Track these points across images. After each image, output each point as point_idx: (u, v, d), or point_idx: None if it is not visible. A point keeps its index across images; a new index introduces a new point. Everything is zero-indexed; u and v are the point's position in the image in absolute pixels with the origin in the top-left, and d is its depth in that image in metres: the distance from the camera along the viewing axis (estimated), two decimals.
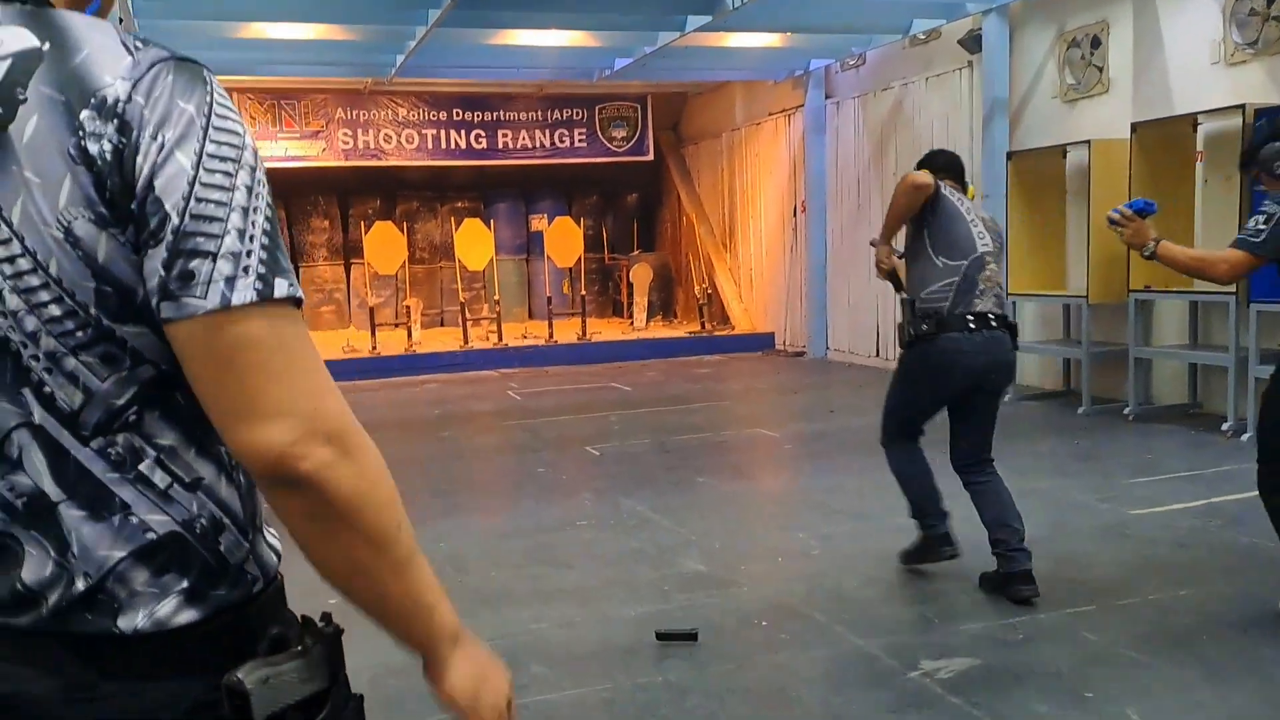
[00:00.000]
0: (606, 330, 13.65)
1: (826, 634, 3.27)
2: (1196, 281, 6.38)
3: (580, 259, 12.78)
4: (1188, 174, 6.92)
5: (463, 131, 13.33)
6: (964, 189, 3.84)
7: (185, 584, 0.83)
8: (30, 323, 0.78)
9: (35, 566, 0.81)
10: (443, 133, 13.22)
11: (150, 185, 0.76)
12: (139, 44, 0.80)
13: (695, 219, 14.25)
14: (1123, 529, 4.33)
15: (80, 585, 0.80)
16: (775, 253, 12.51)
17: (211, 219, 0.77)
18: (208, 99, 0.79)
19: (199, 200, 0.77)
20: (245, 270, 0.78)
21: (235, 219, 0.78)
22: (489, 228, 12.52)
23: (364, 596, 0.87)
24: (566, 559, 4.14)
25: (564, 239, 12.61)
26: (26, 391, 0.79)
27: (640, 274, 13.58)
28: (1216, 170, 6.71)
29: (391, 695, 2.59)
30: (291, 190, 13.59)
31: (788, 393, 8.98)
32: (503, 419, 8.00)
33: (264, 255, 0.79)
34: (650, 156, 14.43)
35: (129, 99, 0.76)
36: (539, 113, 13.74)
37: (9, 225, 0.76)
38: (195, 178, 0.77)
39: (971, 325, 3.47)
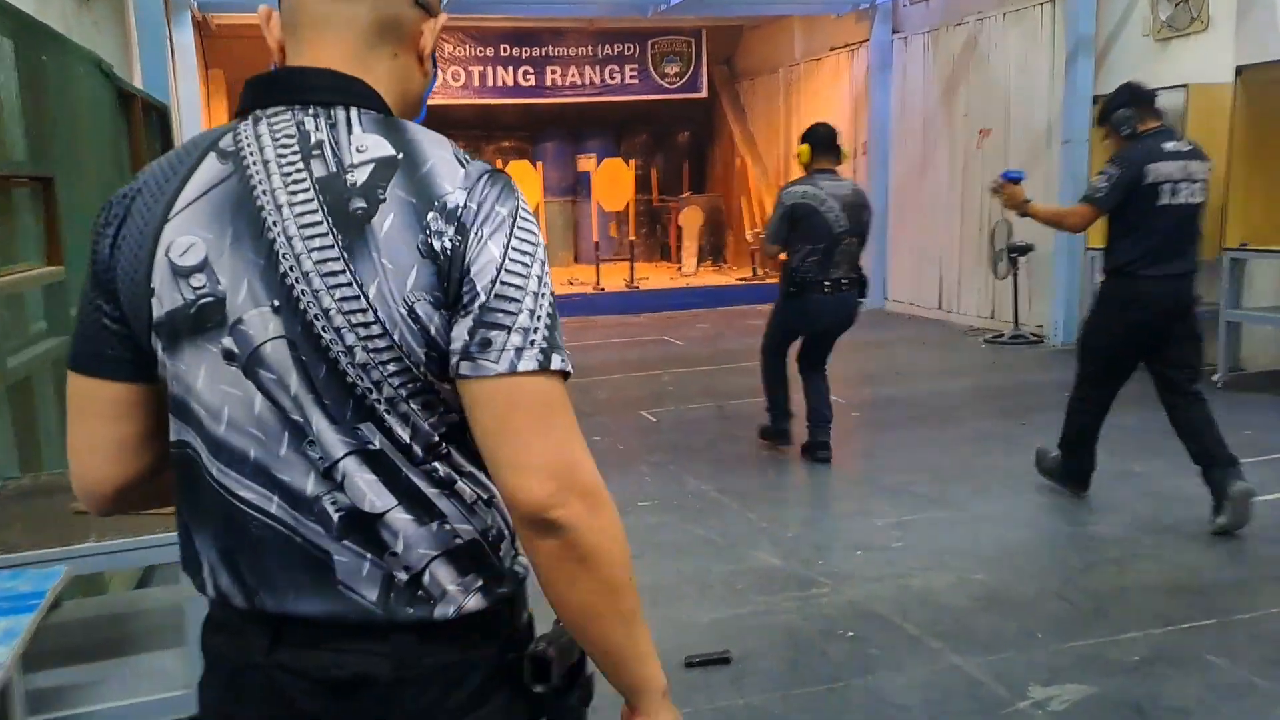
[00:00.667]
0: (655, 275, 13.33)
1: (921, 650, 3.02)
2: None
3: (629, 202, 12.42)
4: None
5: (510, 68, 12.93)
6: (838, 156, 4.98)
7: (480, 581, 1.02)
8: (375, 374, 0.97)
9: (347, 570, 0.99)
10: (490, 70, 12.82)
11: (468, 269, 0.95)
12: (467, 158, 0.99)
13: (749, 160, 13.78)
14: None
15: (402, 576, 0.99)
16: None
17: (510, 299, 0.95)
18: (516, 205, 0.99)
19: (503, 284, 0.95)
20: (531, 344, 0.95)
21: (528, 301, 0.96)
22: (536, 169, 12.17)
23: (594, 638, 1.03)
24: (632, 547, 3.92)
25: (613, 181, 12.24)
26: (366, 425, 0.97)
27: (690, 217, 13.20)
28: None
29: None
30: None
31: (849, 350, 8.49)
32: None
33: (546, 333, 0.96)
34: (704, 94, 13.92)
35: (464, 206, 0.96)
36: (589, 48, 13.27)
37: (367, 299, 0.95)
38: (501, 265, 0.95)
39: (827, 288, 4.84)
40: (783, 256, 4.99)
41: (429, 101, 1.15)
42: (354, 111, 1.00)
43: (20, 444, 2.47)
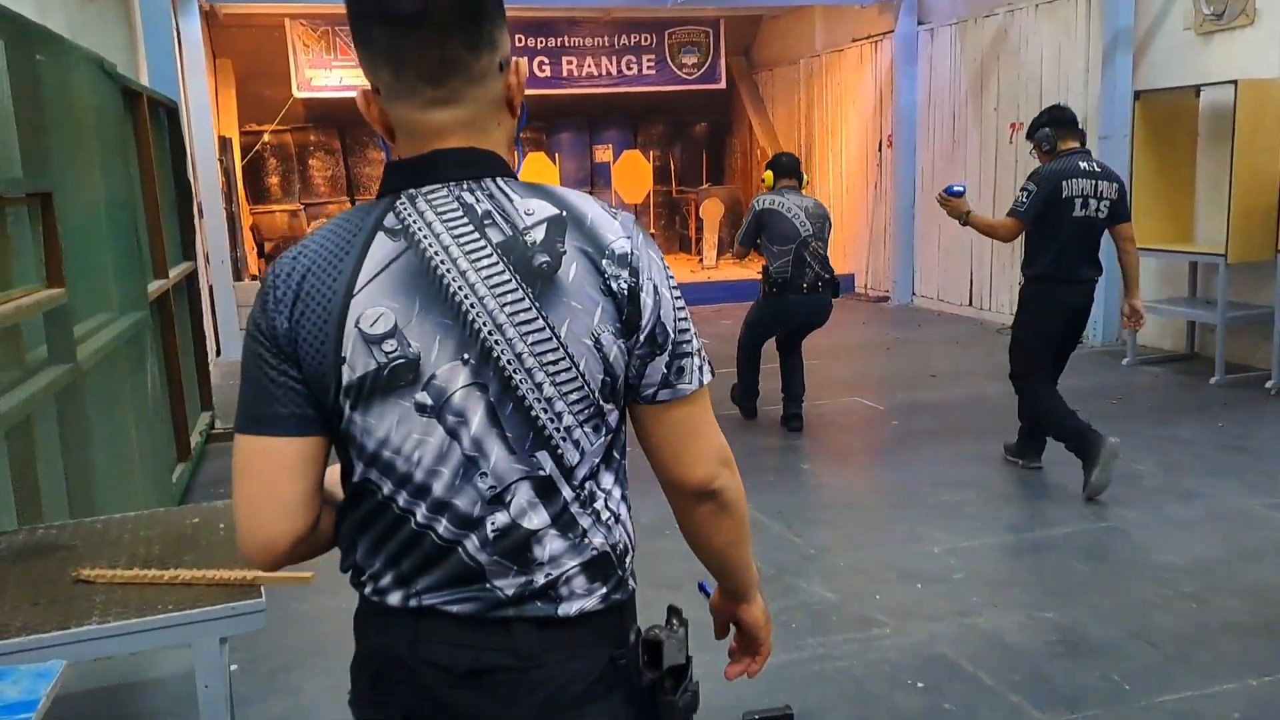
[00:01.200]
0: (675, 268, 12.49)
1: (1000, 705, 2.78)
2: None
3: (649, 194, 12.15)
4: None
5: (526, 58, 12.60)
6: (800, 180, 5.73)
7: (604, 589, 1.19)
8: (559, 405, 1.14)
9: (497, 574, 1.16)
10: None
11: (658, 314, 1.15)
12: (611, 208, 1.19)
13: (769, 151, 13.47)
14: None
15: (540, 580, 1.15)
16: (857, 190, 11.76)
17: (685, 330, 1.19)
18: (656, 247, 1.20)
19: (679, 319, 1.18)
20: (704, 361, 1.21)
21: (691, 327, 1.20)
22: (553, 160, 11.91)
23: (729, 558, 1.31)
24: (666, 576, 3.68)
25: (632, 173, 11.98)
26: (542, 454, 1.14)
27: (711, 209, 12.92)
28: None
29: None
30: (346, 121, 13.06)
31: (879, 349, 8.37)
32: None
33: (702, 349, 1.22)
34: (722, 85, 13.61)
35: (631, 252, 1.15)
36: (606, 38, 12.98)
37: (558, 338, 1.12)
38: (674, 304, 1.18)
39: (805, 289, 5.52)
40: (752, 259, 5.80)
41: None
42: (500, 181, 1.16)
43: (18, 490, 2.24)
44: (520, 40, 12.56)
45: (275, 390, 1.13)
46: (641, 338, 1.15)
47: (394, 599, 1.18)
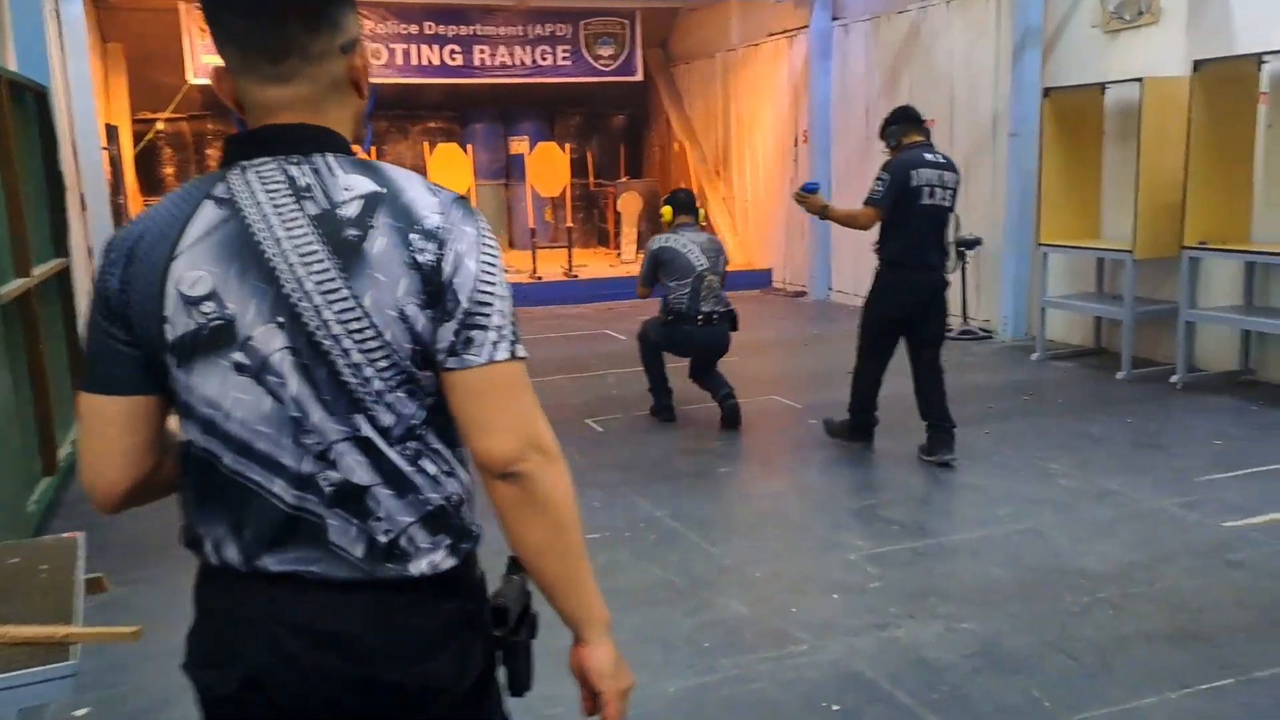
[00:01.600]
0: (593, 262, 12.88)
1: None
2: (1258, 238, 5.92)
3: (566, 188, 11.93)
4: (1249, 115, 6.24)
5: (435, 47, 12.29)
6: (696, 215, 5.98)
7: (448, 540, 1.24)
8: (368, 371, 1.18)
9: (339, 532, 1.20)
10: (413, 48, 12.17)
11: (450, 282, 1.17)
12: (434, 187, 1.22)
13: (687, 145, 13.38)
14: (1224, 552, 3.76)
15: (382, 540, 1.20)
16: (774, 184, 11.73)
17: (485, 305, 1.19)
18: (479, 225, 1.22)
19: (479, 291, 1.19)
20: (502, 338, 1.20)
21: (497, 304, 1.20)
22: (465, 151, 11.60)
23: (545, 569, 1.25)
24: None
25: (548, 166, 11.73)
26: (357, 416, 1.19)
27: (629, 203, 12.77)
28: None
29: None
30: None
31: (796, 345, 8.33)
32: None
33: (510, 329, 1.21)
34: (639, 76, 13.45)
35: (441, 227, 1.18)
36: (520, 28, 12.70)
37: (363, 308, 1.16)
38: (477, 276, 1.19)
39: (699, 320, 5.67)
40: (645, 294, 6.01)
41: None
42: (329, 157, 1.20)
43: None
44: (430, 28, 12.22)
45: (107, 352, 1.21)
46: (438, 305, 1.19)
47: (238, 562, 1.21)
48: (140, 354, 1.20)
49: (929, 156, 4.84)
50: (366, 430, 1.18)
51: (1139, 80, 6.49)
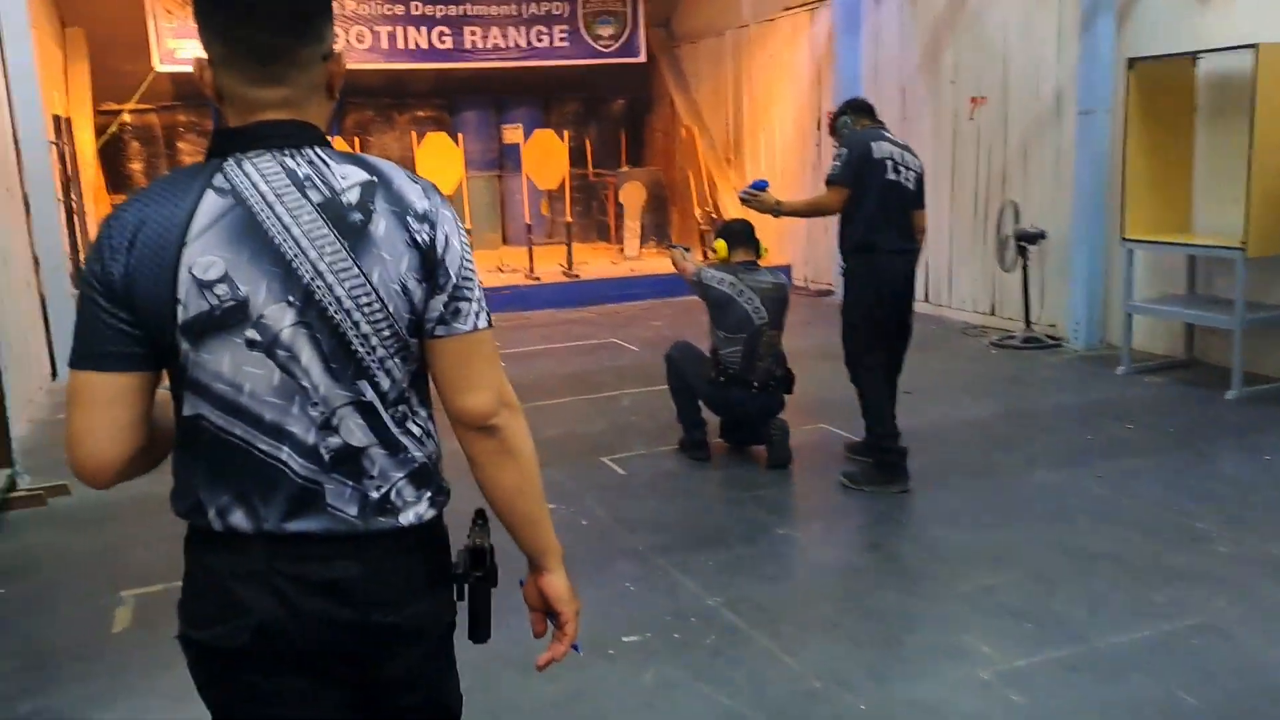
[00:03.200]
0: (594, 260, 11.85)
1: None
2: None
3: (565, 178, 10.90)
4: None
5: (423, 29, 11.24)
6: (757, 250, 4.92)
7: (429, 494, 1.40)
8: (374, 340, 1.32)
9: (334, 495, 1.34)
10: (400, 30, 11.12)
11: (444, 259, 1.34)
12: (414, 175, 1.37)
13: (695, 131, 12.34)
14: None
15: (375, 495, 1.35)
16: (793, 172, 10.71)
17: (468, 280, 1.36)
18: (452, 210, 1.38)
19: (464, 269, 1.36)
20: (481, 309, 1.37)
21: (475, 279, 1.38)
22: (456, 142, 10.56)
23: (518, 510, 1.44)
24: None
25: (545, 155, 10.69)
26: (362, 382, 1.33)
27: (631, 194, 11.73)
28: None
29: None
30: None
31: (834, 357, 7.29)
32: None
33: (484, 301, 1.39)
34: (642, 58, 12.43)
35: (431, 210, 1.34)
36: (513, 7, 11.67)
37: (370, 284, 1.30)
38: (461, 251, 1.36)
39: (755, 386, 4.76)
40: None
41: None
42: (320, 150, 1.34)
43: None
44: (417, 8, 11.18)
45: (107, 331, 1.29)
46: (432, 279, 1.34)
47: (244, 526, 1.34)
48: (142, 334, 1.29)
49: (887, 134, 4.52)
50: (369, 395, 1.35)
51: (1252, 47, 5.48)
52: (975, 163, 8.27)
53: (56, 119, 7.78)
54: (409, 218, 1.32)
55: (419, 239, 1.32)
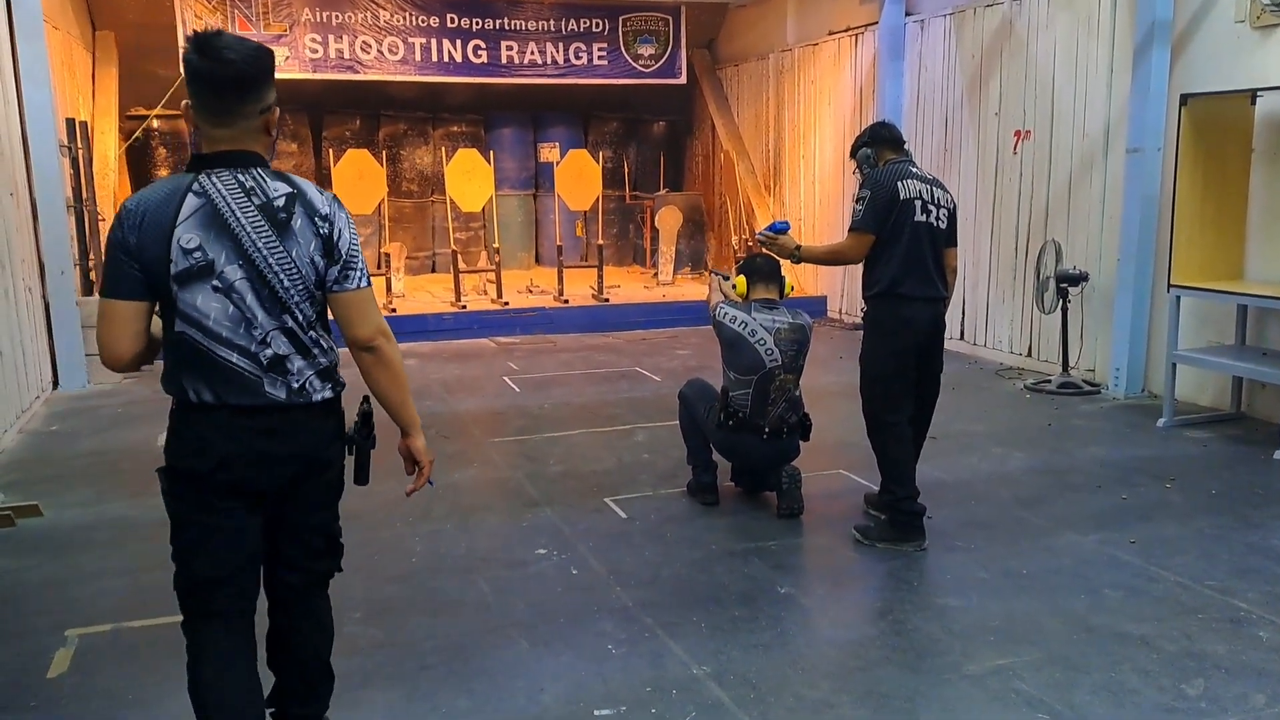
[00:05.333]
0: (626, 283, 11.66)
1: None
2: None
3: (598, 200, 10.72)
4: None
5: (459, 42, 11.14)
6: (780, 288, 4.60)
7: (331, 383, 2.30)
8: (293, 292, 2.19)
9: (269, 384, 2.20)
10: (434, 42, 11.03)
11: (338, 243, 2.23)
12: (319, 189, 2.27)
13: (734, 155, 12.12)
14: None
15: (296, 384, 2.22)
16: (831, 200, 10.44)
17: (355, 253, 2.26)
18: (345, 210, 2.29)
19: (350, 248, 2.25)
20: (363, 275, 2.27)
21: (360, 253, 2.28)
22: (489, 159, 10.43)
23: (390, 398, 2.35)
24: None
25: (578, 177, 10.54)
26: (285, 315, 2.19)
27: (668, 219, 11.52)
28: None
29: None
30: None
31: (858, 397, 7.02)
32: (494, 430, 6.07)
33: (365, 269, 2.28)
34: (682, 79, 12.23)
35: (331, 213, 2.23)
36: (552, 22, 11.53)
37: (291, 258, 2.18)
38: (350, 239, 2.25)
39: (766, 433, 4.47)
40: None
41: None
42: (260, 170, 2.20)
43: None
44: (453, 21, 11.08)
45: (125, 275, 2.15)
46: (330, 256, 2.24)
47: (211, 399, 2.20)
48: (146, 278, 2.14)
49: (915, 170, 4.17)
50: (290, 323, 2.22)
51: None
52: (1017, 199, 7.94)
53: (71, 123, 7.74)
54: (315, 218, 2.22)
55: (321, 231, 2.22)
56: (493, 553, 4.15)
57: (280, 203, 2.15)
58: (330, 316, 2.30)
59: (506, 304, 10.19)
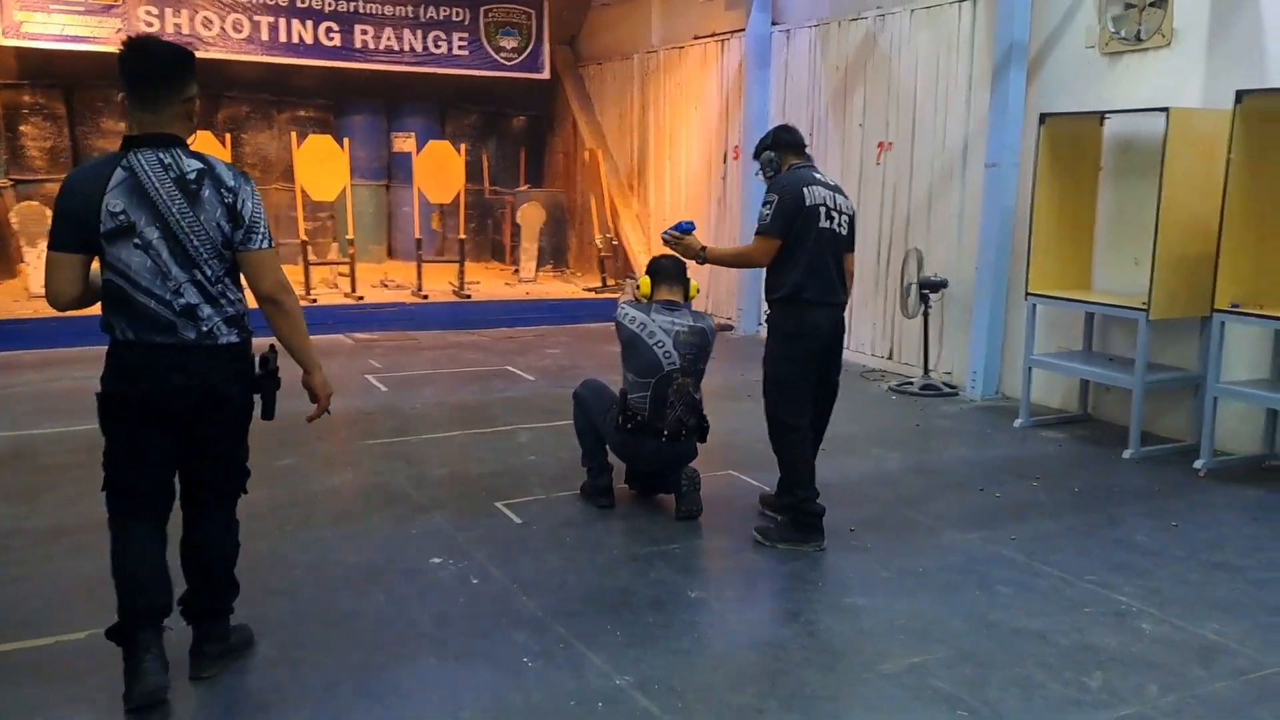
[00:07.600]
0: (486, 280, 11.41)
1: None
2: None
3: (459, 194, 10.43)
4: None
5: (309, 23, 10.65)
6: (685, 290, 4.59)
7: (238, 329, 2.83)
8: (203, 250, 2.74)
9: (182, 327, 2.73)
10: (282, 22, 10.50)
11: (242, 211, 2.79)
12: (229, 164, 2.85)
13: (597, 154, 12.05)
14: None
15: (205, 328, 2.76)
16: (698, 204, 10.53)
17: (257, 220, 2.82)
18: (251, 183, 2.86)
19: (254, 216, 2.81)
20: (266, 236, 2.84)
21: (263, 219, 2.84)
22: (342, 146, 9.97)
23: (292, 342, 2.90)
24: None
25: (439, 168, 10.24)
26: (195, 270, 2.73)
27: (530, 215, 11.34)
28: None
29: None
30: (73, 80, 10.52)
31: (741, 398, 7.05)
32: (364, 434, 5.77)
33: (268, 233, 2.84)
34: (545, 74, 12.11)
35: (236, 186, 2.79)
36: (410, 9, 11.19)
37: (201, 222, 2.74)
38: (253, 208, 2.81)
39: (665, 436, 4.42)
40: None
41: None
42: (179, 149, 2.72)
43: None
44: (304, 1, 10.54)
45: (66, 232, 2.67)
46: (236, 220, 2.76)
47: (132, 337, 2.70)
48: (81, 236, 2.66)
49: (818, 175, 4.24)
50: (200, 277, 2.72)
51: (1163, 110, 5.52)
52: (880, 207, 8.22)
53: None
54: (222, 189, 2.73)
55: (226, 200, 2.73)
56: (384, 562, 3.91)
57: (192, 176, 2.70)
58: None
59: (361, 299, 9.78)
